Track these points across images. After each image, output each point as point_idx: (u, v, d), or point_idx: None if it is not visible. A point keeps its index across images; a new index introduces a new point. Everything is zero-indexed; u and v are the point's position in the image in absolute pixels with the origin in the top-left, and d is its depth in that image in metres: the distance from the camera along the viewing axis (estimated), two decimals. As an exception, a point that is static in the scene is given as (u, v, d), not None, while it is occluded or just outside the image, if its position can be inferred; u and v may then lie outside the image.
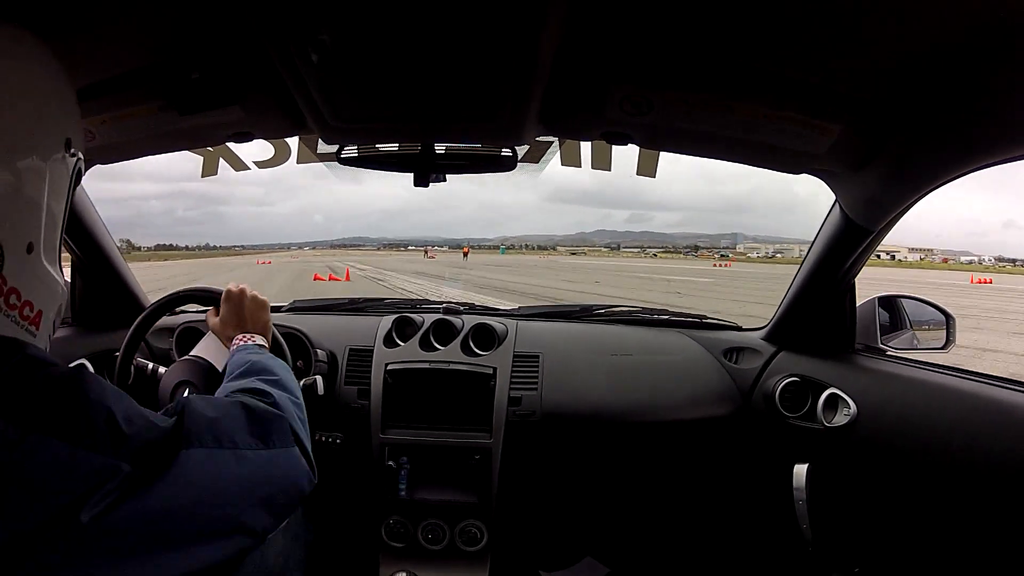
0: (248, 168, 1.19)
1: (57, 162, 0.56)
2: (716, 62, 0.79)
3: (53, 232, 0.58)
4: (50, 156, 0.55)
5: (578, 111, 0.91)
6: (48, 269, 0.57)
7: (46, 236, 0.56)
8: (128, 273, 1.45)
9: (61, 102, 0.58)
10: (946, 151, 0.87)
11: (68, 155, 0.58)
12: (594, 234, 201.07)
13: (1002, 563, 0.89)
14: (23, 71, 0.53)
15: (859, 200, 1.08)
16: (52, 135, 0.56)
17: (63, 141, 0.57)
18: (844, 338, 1.32)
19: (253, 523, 0.55)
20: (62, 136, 0.57)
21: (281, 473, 0.60)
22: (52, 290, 0.58)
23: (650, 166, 1.12)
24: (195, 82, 0.83)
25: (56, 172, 0.56)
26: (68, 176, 0.59)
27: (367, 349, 1.42)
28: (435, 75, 0.79)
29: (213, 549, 0.50)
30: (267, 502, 0.57)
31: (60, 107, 0.57)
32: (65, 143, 0.57)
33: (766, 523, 1.39)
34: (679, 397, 1.41)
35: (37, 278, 0.55)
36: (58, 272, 0.60)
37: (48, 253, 0.57)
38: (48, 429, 0.42)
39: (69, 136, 0.58)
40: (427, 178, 1.07)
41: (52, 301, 0.58)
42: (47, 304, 0.57)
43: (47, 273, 0.57)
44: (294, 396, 0.73)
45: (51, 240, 0.57)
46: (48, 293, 0.57)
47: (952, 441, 0.97)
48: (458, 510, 1.34)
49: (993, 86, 0.72)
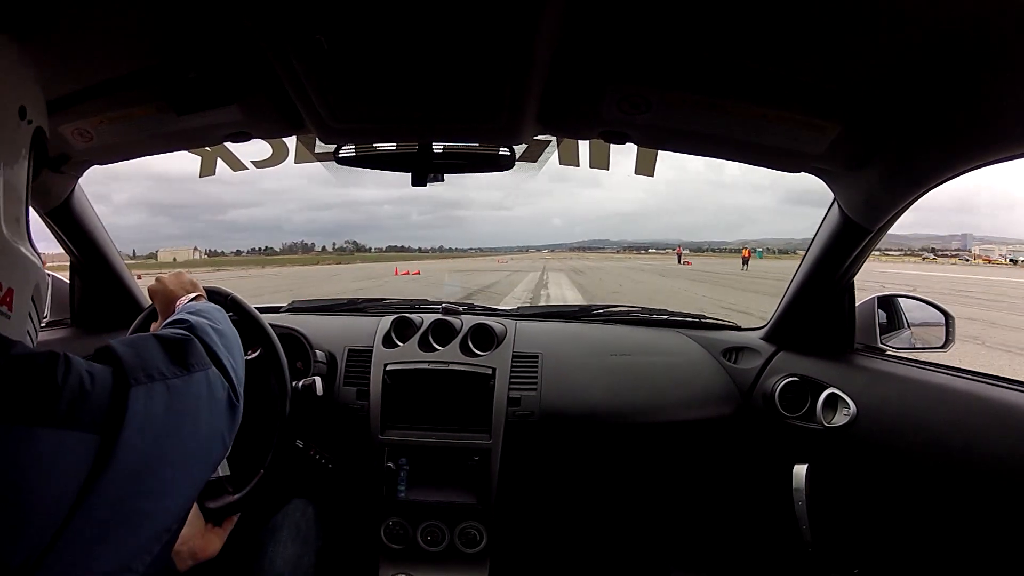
0: (246, 168, 1.19)
1: (12, 131, 0.54)
2: (714, 61, 0.79)
3: (14, 204, 0.54)
4: (4, 125, 0.53)
5: (576, 110, 0.91)
6: (11, 244, 0.53)
7: (7, 208, 0.52)
8: (126, 274, 1.45)
9: (14, 70, 0.56)
10: (945, 150, 0.87)
11: (24, 123, 0.56)
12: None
13: (1002, 563, 0.89)
14: None
15: (858, 199, 1.07)
16: (4, 104, 0.53)
17: (16, 110, 0.55)
18: (843, 338, 1.32)
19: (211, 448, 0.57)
20: (13, 105, 0.54)
21: (213, 394, 0.59)
22: (21, 266, 0.54)
23: (648, 165, 1.12)
24: (192, 82, 0.83)
25: (12, 141, 0.54)
26: (26, 145, 0.56)
27: (366, 350, 1.42)
28: (432, 75, 0.79)
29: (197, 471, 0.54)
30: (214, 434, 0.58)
31: (13, 75, 0.55)
32: (19, 110, 0.55)
33: (765, 523, 1.39)
34: (678, 397, 1.40)
35: (3, 255, 0.52)
36: (28, 247, 0.56)
37: (9, 226, 0.53)
38: (29, 418, 0.41)
39: (23, 104, 0.56)
40: (425, 178, 1.07)
41: (24, 278, 0.54)
42: (18, 282, 0.53)
43: (10, 248, 0.53)
44: (213, 321, 0.69)
45: (11, 212, 0.54)
46: (15, 270, 0.53)
47: (951, 441, 0.97)
48: (457, 511, 1.34)
49: (991, 85, 0.72)
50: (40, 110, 0.60)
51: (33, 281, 0.56)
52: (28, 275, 0.55)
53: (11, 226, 0.53)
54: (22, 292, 0.54)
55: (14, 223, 0.54)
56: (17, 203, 0.55)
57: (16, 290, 0.52)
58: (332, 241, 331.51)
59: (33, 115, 0.58)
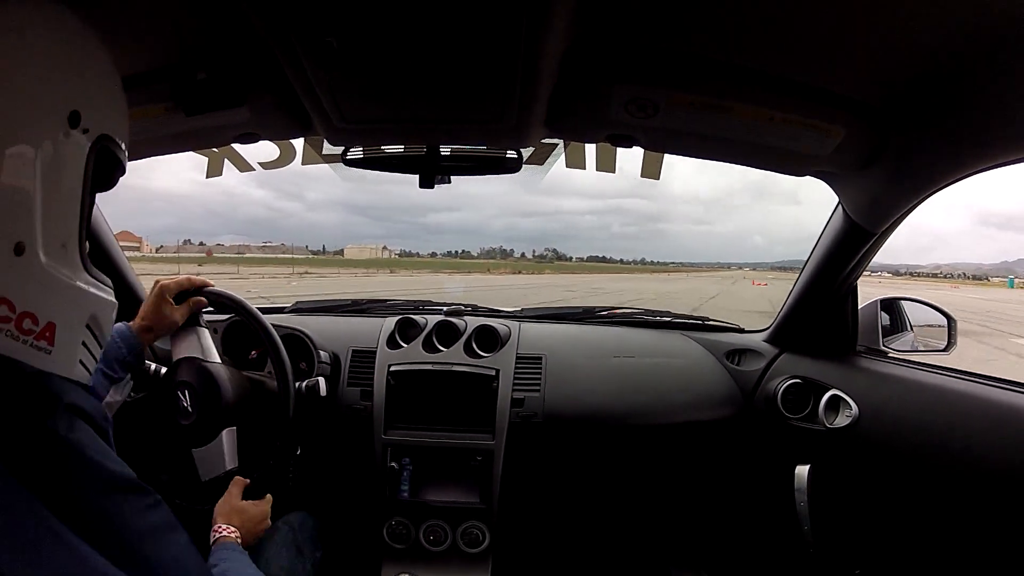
0: (253, 169, 1.19)
1: (56, 142, 0.47)
2: (721, 65, 0.79)
3: (61, 226, 0.49)
4: (41, 135, 0.46)
5: (583, 114, 0.91)
6: (56, 273, 0.48)
7: (46, 232, 0.47)
8: (130, 273, 1.45)
9: (62, 67, 0.48)
10: (949, 153, 0.88)
11: (76, 132, 0.49)
12: (1016, 263, 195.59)
13: (1003, 564, 0.89)
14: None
15: (862, 202, 1.08)
16: (43, 108, 0.47)
17: (64, 115, 0.48)
18: (846, 340, 1.32)
19: None
20: (63, 109, 0.48)
21: None
22: (67, 297, 0.50)
23: (654, 168, 1.12)
24: (201, 83, 0.83)
25: (55, 154, 0.47)
26: (77, 158, 0.50)
27: (370, 350, 1.42)
28: (441, 77, 0.79)
29: None
30: None
31: (60, 73, 0.48)
32: (69, 117, 0.48)
33: (767, 524, 1.39)
34: (682, 399, 1.41)
35: (38, 284, 0.47)
36: (80, 275, 0.51)
37: (54, 253, 0.48)
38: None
39: (76, 108, 0.49)
40: (432, 180, 1.07)
41: (71, 310, 0.50)
42: (62, 314, 0.49)
43: (54, 277, 0.48)
44: None
45: (57, 236, 0.48)
46: (57, 302, 0.49)
47: (953, 443, 0.98)
48: (460, 512, 1.34)
49: (996, 89, 0.72)
50: (108, 114, 0.53)
51: (87, 311, 0.52)
52: (77, 306, 0.51)
53: (53, 254, 0.48)
54: (69, 325, 0.50)
55: (58, 250, 0.49)
56: (62, 226, 0.49)
57: (60, 323, 0.48)
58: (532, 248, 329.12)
59: (93, 121, 0.51)
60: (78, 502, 0.44)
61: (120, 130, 0.56)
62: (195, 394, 0.98)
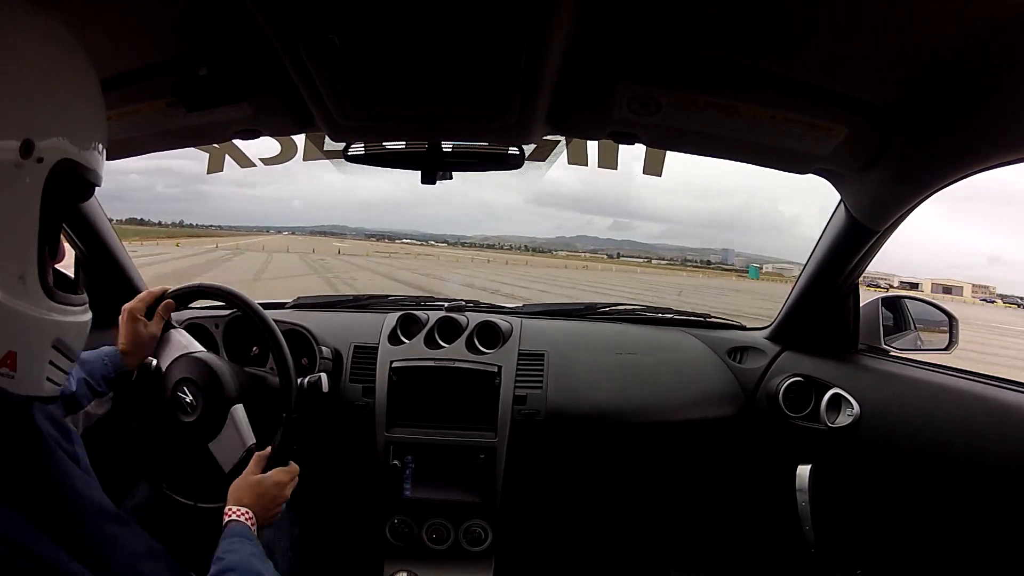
0: (254, 165, 1.19)
1: (5, 175, 0.45)
2: (724, 63, 0.79)
3: (18, 260, 0.48)
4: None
5: (586, 111, 0.91)
6: (14, 306, 0.47)
7: (1, 268, 0.46)
8: (132, 269, 1.45)
9: (10, 91, 0.45)
10: (951, 152, 0.87)
11: (29, 161, 0.46)
12: (575, 239, 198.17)
13: (1004, 564, 0.90)
14: None
15: (864, 201, 1.08)
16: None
17: (15, 147, 0.45)
18: (848, 338, 1.32)
19: None
20: (12, 139, 0.45)
21: None
22: (27, 327, 0.49)
23: (656, 165, 1.12)
24: (203, 78, 0.83)
25: (5, 188, 0.45)
26: (32, 189, 0.47)
27: (372, 347, 1.42)
28: (443, 74, 0.79)
29: None
30: None
31: (8, 100, 0.45)
32: (21, 147, 0.45)
33: (768, 523, 1.39)
34: (683, 396, 1.41)
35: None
36: (41, 303, 0.50)
37: (11, 287, 0.47)
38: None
39: (28, 137, 0.46)
40: (434, 176, 1.07)
41: (31, 338, 0.50)
42: (21, 343, 0.48)
43: (11, 311, 0.47)
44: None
45: (13, 270, 0.47)
46: (20, 331, 0.48)
47: (955, 442, 0.98)
48: (462, 510, 1.34)
49: (998, 88, 0.72)
50: (71, 134, 0.50)
51: (51, 336, 0.52)
52: (39, 333, 0.51)
53: (10, 288, 0.47)
54: (30, 351, 0.50)
55: (15, 283, 0.47)
56: (18, 260, 0.48)
57: (21, 351, 0.48)
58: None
59: (49, 147, 0.48)
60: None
61: (87, 145, 0.52)
62: (196, 385, 0.97)
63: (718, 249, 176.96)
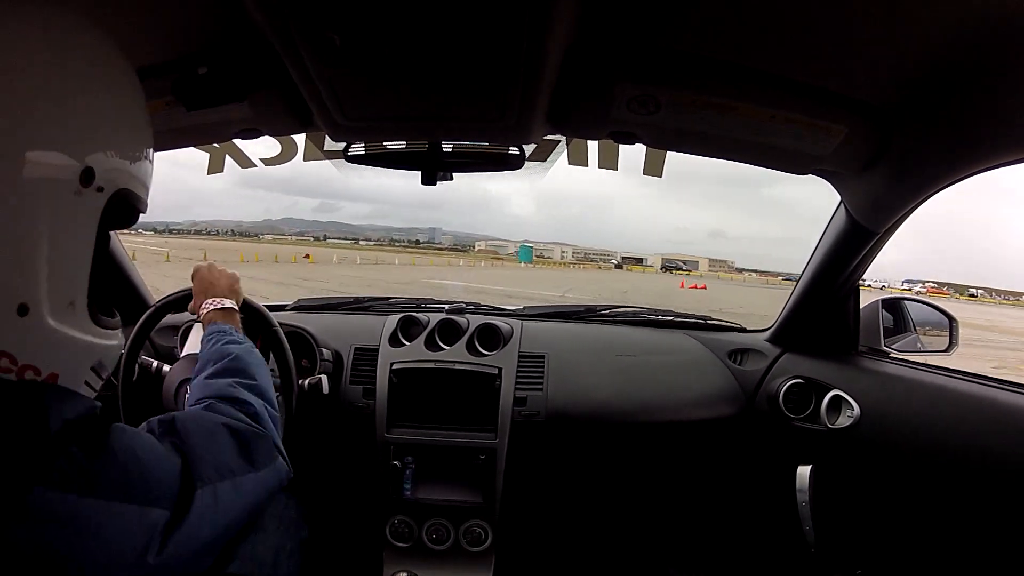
0: (254, 165, 1.19)
1: (64, 200, 0.44)
2: (723, 63, 0.79)
3: (70, 285, 0.48)
4: (51, 194, 0.43)
5: (586, 111, 0.91)
6: (63, 331, 0.47)
7: (53, 292, 0.45)
8: (133, 271, 1.45)
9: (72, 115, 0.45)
10: (952, 153, 0.87)
11: (89, 190, 0.46)
12: (281, 222, 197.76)
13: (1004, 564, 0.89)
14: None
15: (865, 202, 1.08)
16: (53, 164, 0.43)
17: (78, 172, 0.44)
18: (848, 340, 1.32)
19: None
20: (75, 165, 0.44)
21: (270, 488, 0.64)
22: (72, 351, 0.50)
23: (657, 166, 1.12)
24: (203, 78, 0.83)
25: (64, 216, 0.45)
26: (90, 218, 0.47)
27: (372, 348, 1.42)
28: (443, 74, 0.79)
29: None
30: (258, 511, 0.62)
31: (69, 125, 0.44)
32: (82, 176, 0.45)
33: (769, 524, 1.39)
34: (684, 398, 1.41)
35: (42, 343, 0.46)
36: (88, 329, 0.51)
37: (60, 313, 0.47)
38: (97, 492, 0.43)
39: (89, 166, 0.45)
40: (434, 176, 1.07)
41: (74, 359, 0.50)
42: (64, 365, 0.49)
43: (60, 336, 0.47)
44: (269, 402, 0.72)
45: (65, 296, 0.47)
46: (61, 355, 0.48)
47: (955, 443, 0.98)
48: (463, 510, 1.34)
49: (998, 89, 0.72)
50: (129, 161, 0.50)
51: (93, 358, 0.53)
52: (81, 356, 0.51)
53: (60, 313, 0.47)
54: (72, 373, 0.51)
55: (65, 309, 0.48)
56: (70, 285, 0.48)
57: (63, 373, 0.49)
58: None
59: (108, 177, 0.47)
60: None
61: (142, 174, 0.52)
62: None
63: (425, 228, 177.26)
